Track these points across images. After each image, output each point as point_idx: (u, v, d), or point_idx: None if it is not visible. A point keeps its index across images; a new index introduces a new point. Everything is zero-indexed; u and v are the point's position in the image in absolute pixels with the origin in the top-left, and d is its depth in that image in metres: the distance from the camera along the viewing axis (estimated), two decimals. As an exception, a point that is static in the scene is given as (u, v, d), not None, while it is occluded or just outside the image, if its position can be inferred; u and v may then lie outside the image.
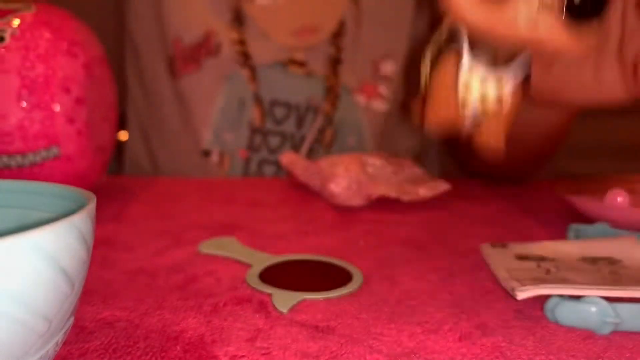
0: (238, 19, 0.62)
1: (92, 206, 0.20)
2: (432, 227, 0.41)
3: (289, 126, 0.63)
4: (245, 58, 0.62)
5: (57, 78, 0.39)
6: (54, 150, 0.40)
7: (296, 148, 0.63)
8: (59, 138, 0.40)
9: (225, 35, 0.62)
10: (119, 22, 0.69)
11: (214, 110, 0.63)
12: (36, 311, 0.18)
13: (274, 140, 0.63)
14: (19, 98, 0.39)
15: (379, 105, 0.66)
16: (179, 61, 0.63)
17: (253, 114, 0.62)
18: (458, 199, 0.50)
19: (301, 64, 0.63)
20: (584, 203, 0.40)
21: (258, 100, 0.62)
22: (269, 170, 0.63)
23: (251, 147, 0.63)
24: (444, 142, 0.75)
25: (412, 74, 0.68)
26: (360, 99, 0.65)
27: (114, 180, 0.51)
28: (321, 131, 0.64)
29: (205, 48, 0.62)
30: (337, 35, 0.65)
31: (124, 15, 0.69)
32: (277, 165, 0.63)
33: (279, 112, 0.63)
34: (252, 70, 0.62)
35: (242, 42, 0.62)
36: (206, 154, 0.63)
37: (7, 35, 0.39)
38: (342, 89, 0.65)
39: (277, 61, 0.63)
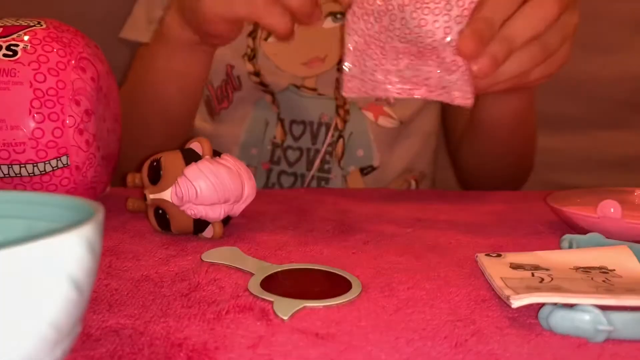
0: (252, 54, 0.68)
1: (100, 216, 0.21)
2: (428, 237, 0.41)
3: (305, 142, 0.69)
4: (263, 86, 0.68)
5: (67, 90, 0.40)
6: (64, 160, 0.41)
7: (311, 161, 0.69)
8: (69, 148, 0.41)
9: (242, 68, 0.68)
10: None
11: (242, 131, 0.70)
12: (45, 318, 0.18)
13: (293, 155, 0.69)
14: (31, 109, 0.40)
15: (386, 122, 0.70)
16: (215, 101, 0.71)
17: (276, 132, 0.69)
18: (454, 210, 0.50)
19: (312, 89, 0.69)
20: (577, 214, 0.41)
21: (281, 120, 0.69)
22: (286, 180, 0.70)
23: (272, 161, 0.70)
24: (449, 155, 0.79)
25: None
26: (369, 115, 0.69)
27: (121, 191, 0.52)
28: (333, 145, 0.69)
29: (231, 85, 0.69)
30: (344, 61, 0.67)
31: None
32: (295, 176, 0.69)
33: (297, 129, 0.69)
34: (272, 95, 0.69)
35: (257, 74, 0.68)
36: None
37: (19, 50, 0.40)
38: (352, 105, 0.69)
39: (290, 83, 0.68)
